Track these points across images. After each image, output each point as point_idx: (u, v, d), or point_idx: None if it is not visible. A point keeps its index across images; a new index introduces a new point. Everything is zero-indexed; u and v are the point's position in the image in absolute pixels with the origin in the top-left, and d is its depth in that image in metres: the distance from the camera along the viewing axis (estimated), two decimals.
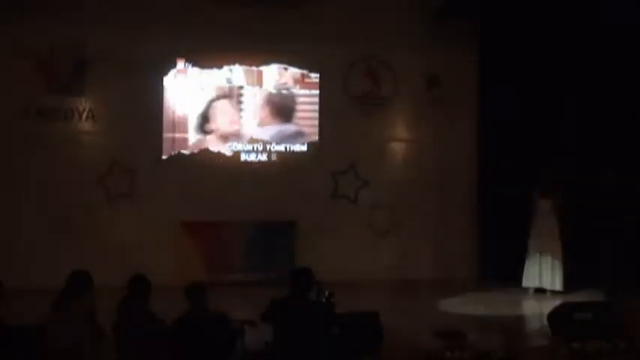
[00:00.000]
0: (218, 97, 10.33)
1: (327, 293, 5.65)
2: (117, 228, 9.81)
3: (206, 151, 10.28)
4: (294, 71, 10.56)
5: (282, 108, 10.57)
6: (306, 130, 10.66)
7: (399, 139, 11.10)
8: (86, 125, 9.97)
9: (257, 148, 10.45)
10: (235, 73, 10.36)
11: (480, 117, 11.06)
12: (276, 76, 10.52)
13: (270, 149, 10.50)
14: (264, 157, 10.47)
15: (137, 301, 5.09)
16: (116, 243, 9.68)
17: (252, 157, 10.43)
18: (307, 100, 10.64)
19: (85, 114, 9.96)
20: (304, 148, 10.64)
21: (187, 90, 10.22)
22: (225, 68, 10.31)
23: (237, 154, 10.39)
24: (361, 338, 6.16)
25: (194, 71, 10.22)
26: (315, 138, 10.65)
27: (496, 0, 10.18)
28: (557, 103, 10.27)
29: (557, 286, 9.45)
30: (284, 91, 10.54)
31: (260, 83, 10.46)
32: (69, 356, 4.31)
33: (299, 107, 10.61)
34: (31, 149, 9.67)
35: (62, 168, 9.73)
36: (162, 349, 5.07)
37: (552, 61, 10.18)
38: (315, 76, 10.61)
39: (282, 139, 10.56)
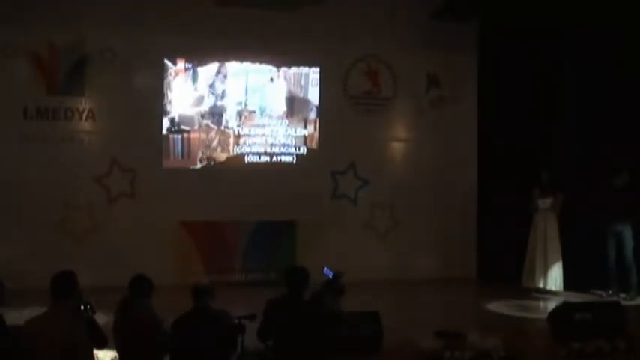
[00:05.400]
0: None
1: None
2: (117, 228, 9.80)
3: (206, 151, 10.28)
4: None
5: None
6: None
7: (399, 139, 11.11)
8: (86, 125, 9.96)
9: (257, 147, 10.47)
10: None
11: (479, 117, 11.07)
12: None
13: (269, 151, 10.52)
14: (264, 158, 10.48)
15: (137, 301, 5.08)
16: (116, 243, 9.67)
17: (253, 158, 10.44)
18: None
19: (85, 114, 9.95)
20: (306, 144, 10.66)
21: (187, 89, 10.22)
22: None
23: (238, 154, 10.40)
24: (361, 338, 6.16)
25: (194, 70, 10.23)
26: (315, 137, 10.66)
27: (495, 0, 10.19)
28: (556, 103, 10.28)
29: (557, 286, 9.46)
30: None
31: None
32: (63, 356, 4.29)
33: None
34: (31, 149, 9.67)
35: (62, 168, 9.73)
36: (163, 348, 5.07)
37: (552, 61, 10.19)
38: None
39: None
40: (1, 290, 4.65)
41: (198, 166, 10.26)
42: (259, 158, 10.48)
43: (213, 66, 10.30)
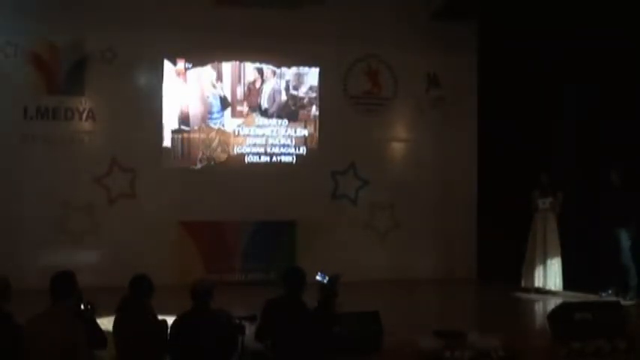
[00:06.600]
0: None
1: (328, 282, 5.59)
2: (117, 228, 9.80)
3: (206, 151, 10.28)
4: None
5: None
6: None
7: (399, 139, 11.11)
8: (86, 125, 9.96)
9: (257, 148, 10.47)
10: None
11: (479, 117, 11.07)
12: None
13: (269, 151, 10.52)
14: (264, 158, 10.48)
15: (137, 301, 5.08)
16: (116, 243, 9.68)
17: (253, 158, 10.44)
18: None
19: (85, 114, 9.95)
20: (304, 148, 10.66)
21: (187, 89, 10.22)
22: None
23: (238, 154, 10.40)
24: (361, 338, 6.16)
25: (194, 70, 10.23)
26: (315, 138, 10.66)
27: (495, 0, 10.19)
28: (557, 103, 10.28)
29: (557, 286, 9.46)
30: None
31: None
32: (63, 356, 4.29)
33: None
34: (31, 149, 9.67)
35: (62, 168, 9.73)
36: (163, 349, 5.07)
37: (552, 61, 10.19)
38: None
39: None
40: (8, 288, 4.66)
41: (198, 166, 10.26)
42: (259, 158, 10.48)
43: (213, 66, 10.31)
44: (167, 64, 10.12)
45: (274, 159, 10.54)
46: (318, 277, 5.48)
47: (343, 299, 5.85)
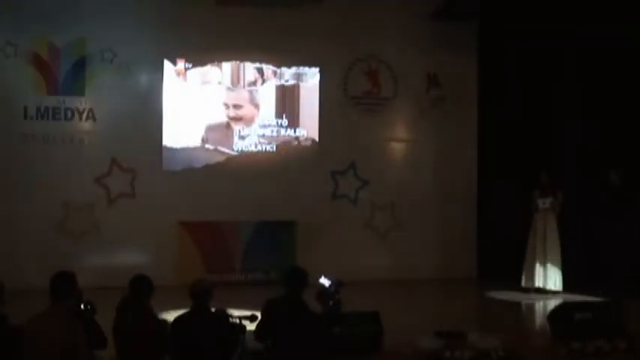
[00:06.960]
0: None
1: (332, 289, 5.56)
2: (117, 228, 9.79)
3: (206, 151, 10.28)
4: None
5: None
6: None
7: (399, 139, 11.11)
8: (86, 125, 9.96)
9: (259, 145, 10.46)
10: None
11: (480, 117, 11.08)
12: None
13: (269, 151, 10.51)
14: (264, 158, 10.47)
15: (137, 301, 5.08)
16: (116, 243, 9.68)
17: (253, 158, 10.42)
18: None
19: (85, 114, 9.94)
20: (307, 143, 10.65)
21: (187, 89, 10.22)
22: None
23: (238, 154, 10.39)
24: (361, 338, 6.16)
25: (194, 70, 10.23)
26: (315, 138, 10.66)
27: (495, 0, 10.20)
28: (556, 103, 10.28)
29: (557, 286, 9.46)
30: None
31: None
32: (63, 356, 4.29)
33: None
34: (31, 149, 9.66)
35: (62, 168, 9.73)
36: (163, 349, 5.07)
37: (552, 61, 10.19)
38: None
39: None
40: (1, 290, 4.66)
41: (199, 166, 10.25)
42: (259, 158, 10.46)
43: (213, 65, 10.30)
44: (167, 64, 10.12)
45: (274, 159, 10.52)
46: (323, 281, 5.46)
47: (343, 299, 5.85)
